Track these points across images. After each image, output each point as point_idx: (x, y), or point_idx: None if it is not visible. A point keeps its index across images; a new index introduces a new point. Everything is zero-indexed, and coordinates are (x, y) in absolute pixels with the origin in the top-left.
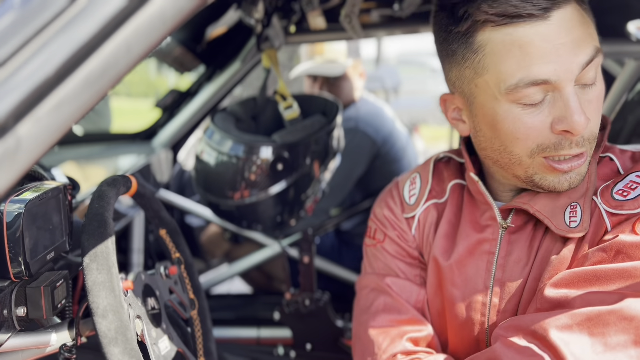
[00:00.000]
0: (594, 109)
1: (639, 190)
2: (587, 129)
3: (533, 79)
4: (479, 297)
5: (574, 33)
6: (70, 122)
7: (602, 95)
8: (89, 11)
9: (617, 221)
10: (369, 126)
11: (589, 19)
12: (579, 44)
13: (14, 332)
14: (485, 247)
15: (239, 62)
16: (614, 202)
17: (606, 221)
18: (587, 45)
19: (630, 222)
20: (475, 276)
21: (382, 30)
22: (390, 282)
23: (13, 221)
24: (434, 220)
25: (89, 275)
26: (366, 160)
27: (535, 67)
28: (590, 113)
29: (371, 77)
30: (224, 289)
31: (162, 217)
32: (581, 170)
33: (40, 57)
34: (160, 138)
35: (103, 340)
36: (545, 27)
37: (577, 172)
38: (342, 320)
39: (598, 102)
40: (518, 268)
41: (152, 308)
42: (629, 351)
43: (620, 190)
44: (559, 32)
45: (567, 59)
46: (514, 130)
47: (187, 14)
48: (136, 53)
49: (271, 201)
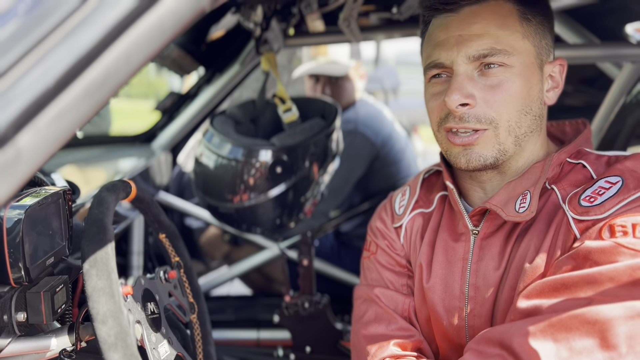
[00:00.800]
0: (495, 96)
1: (606, 196)
2: (474, 109)
3: (433, 62)
4: (457, 303)
5: (474, 28)
6: (70, 132)
7: (512, 87)
8: (89, 21)
9: (584, 227)
10: (368, 128)
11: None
12: (476, 36)
13: (14, 337)
14: (460, 254)
15: (238, 64)
16: (580, 209)
17: (574, 229)
18: (484, 40)
19: (596, 227)
20: (452, 283)
21: (380, 33)
22: (379, 293)
23: (13, 227)
24: (419, 228)
25: (88, 281)
26: (365, 162)
27: (436, 52)
28: (489, 97)
29: (370, 77)
30: (224, 291)
31: (162, 222)
32: (481, 151)
33: (40, 68)
34: (159, 141)
35: (103, 346)
36: (450, 19)
37: (476, 152)
38: (341, 323)
39: (503, 91)
40: (490, 273)
41: (152, 312)
42: (595, 355)
43: (587, 197)
44: (458, 25)
45: (458, 49)
46: (428, 104)
47: (186, 24)
48: (136, 63)
49: (270, 204)
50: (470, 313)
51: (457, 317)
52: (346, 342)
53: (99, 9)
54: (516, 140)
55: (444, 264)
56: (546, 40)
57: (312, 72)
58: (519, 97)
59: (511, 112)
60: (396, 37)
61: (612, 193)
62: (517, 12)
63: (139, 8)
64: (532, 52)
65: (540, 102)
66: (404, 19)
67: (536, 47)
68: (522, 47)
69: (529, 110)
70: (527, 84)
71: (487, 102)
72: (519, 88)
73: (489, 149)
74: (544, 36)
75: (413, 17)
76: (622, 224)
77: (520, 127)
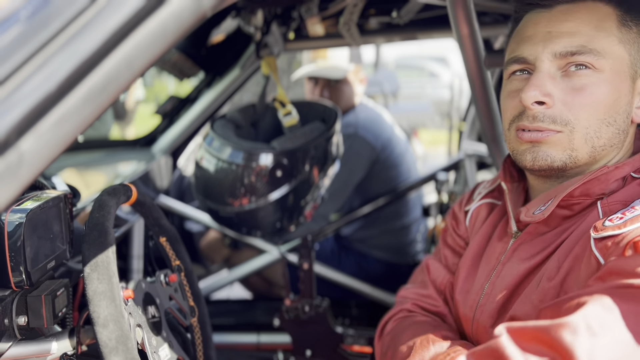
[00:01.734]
0: (576, 100)
1: (631, 215)
2: (551, 109)
3: (516, 56)
4: (474, 295)
5: (566, 25)
6: (72, 136)
7: (596, 92)
8: (91, 27)
9: (603, 247)
10: (368, 132)
11: (609, 24)
12: (569, 34)
13: (15, 341)
14: (496, 253)
15: (239, 68)
16: (601, 227)
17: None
18: (575, 38)
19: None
20: (480, 276)
21: (380, 37)
22: (431, 263)
23: (14, 231)
24: (483, 218)
25: (89, 285)
26: (365, 166)
27: (521, 47)
28: (569, 100)
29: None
30: (224, 295)
31: (162, 225)
32: (549, 151)
33: (42, 73)
34: (160, 144)
35: (104, 349)
36: (542, 15)
37: (544, 151)
38: (341, 327)
39: (587, 96)
40: (508, 275)
41: (153, 316)
42: None
43: (616, 217)
44: (548, 21)
45: (544, 44)
46: (503, 102)
47: (187, 28)
48: (137, 68)
49: (271, 208)
50: (481, 307)
51: (469, 308)
52: (346, 345)
53: (100, 14)
54: (592, 150)
55: (482, 258)
56: None
57: (310, 75)
58: (603, 104)
59: (591, 119)
60: (396, 41)
61: (638, 212)
62: (616, 16)
63: (141, 13)
64: (626, 60)
65: (626, 116)
66: (403, 23)
67: (632, 56)
68: (616, 52)
69: (612, 122)
70: (615, 92)
71: (567, 105)
72: (605, 95)
73: (559, 151)
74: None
75: (413, 21)
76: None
77: (599, 137)
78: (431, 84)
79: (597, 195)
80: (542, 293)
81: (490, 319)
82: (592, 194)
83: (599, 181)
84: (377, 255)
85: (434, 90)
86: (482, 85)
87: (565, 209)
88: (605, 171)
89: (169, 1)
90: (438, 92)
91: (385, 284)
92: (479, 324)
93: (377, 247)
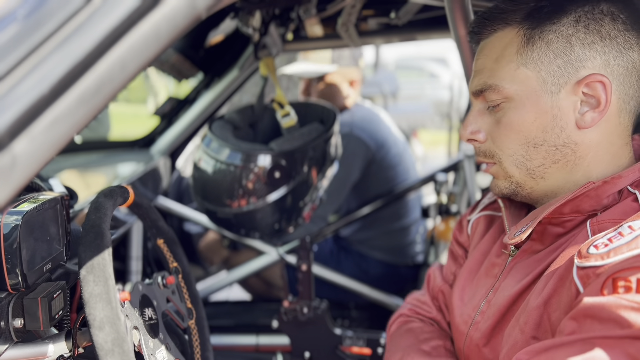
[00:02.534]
0: (499, 132)
1: (617, 243)
2: (483, 144)
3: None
4: (470, 311)
5: (480, 61)
6: (65, 139)
7: (511, 120)
8: (84, 29)
9: (584, 276)
10: (364, 131)
11: (509, 50)
12: (477, 72)
13: (12, 343)
14: (496, 270)
15: (237, 69)
16: (586, 253)
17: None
18: (480, 76)
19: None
20: (477, 293)
21: (379, 38)
22: (433, 270)
23: (10, 233)
24: (481, 231)
25: (85, 287)
26: (361, 165)
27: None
28: (494, 133)
29: (369, 82)
30: (223, 296)
31: (160, 227)
32: (497, 182)
33: (35, 75)
34: (158, 145)
35: (100, 352)
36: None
37: (494, 182)
38: (340, 328)
39: (506, 128)
40: (503, 295)
41: (150, 318)
42: None
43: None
44: (477, 56)
45: (470, 82)
46: None
47: (181, 30)
48: (131, 70)
49: (269, 209)
50: (475, 324)
51: (464, 324)
52: (345, 347)
53: (94, 16)
54: (529, 172)
55: (481, 272)
56: (567, 58)
57: (287, 72)
58: (521, 129)
59: (513, 146)
60: (394, 41)
61: (624, 241)
62: (520, 38)
63: (134, 15)
64: (532, 79)
65: (560, 130)
66: (402, 24)
67: (542, 72)
68: (519, 76)
69: (539, 142)
70: (531, 114)
71: (492, 138)
72: (520, 120)
73: (502, 181)
74: (561, 54)
75: (411, 22)
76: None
77: (530, 159)
78: (431, 85)
79: (588, 211)
80: (527, 314)
81: (483, 339)
82: (582, 210)
83: (588, 197)
84: (377, 256)
85: (433, 90)
86: None
87: (558, 226)
88: (591, 187)
89: (163, 3)
90: (438, 93)
91: (385, 285)
92: (472, 341)
93: (376, 248)
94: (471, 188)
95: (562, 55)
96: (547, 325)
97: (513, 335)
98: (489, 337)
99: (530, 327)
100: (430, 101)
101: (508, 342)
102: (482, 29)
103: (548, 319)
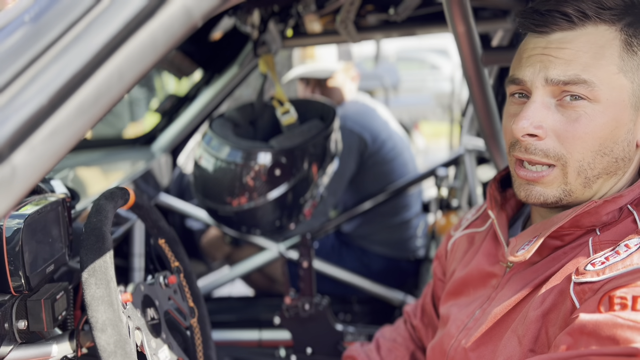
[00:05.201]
0: (569, 132)
1: (613, 260)
2: (544, 142)
3: (512, 77)
4: (464, 317)
5: (562, 52)
6: (65, 149)
7: (591, 124)
8: (81, 40)
9: (580, 292)
10: (356, 123)
11: (610, 51)
12: (562, 62)
13: (16, 344)
14: (493, 281)
15: (237, 66)
16: (583, 270)
17: (572, 294)
18: (569, 67)
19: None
20: (473, 302)
21: (378, 34)
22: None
23: (12, 236)
24: (463, 251)
25: (87, 290)
26: (356, 157)
27: (518, 68)
28: (562, 132)
29: (370, 75)
30: (226, 292)
31: (161, 227)
32: (543, 190)
33: (34, 87)
34: (159, 143)
35: (102, 354)
36: (539, 40)
37: (538, 190)
38: (342, 324)
39: (580, 128)
40: (499, 303)
41: (152, 318)
42: None
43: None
44: (545, 47)
45: (540, 68)
46: (503, 120)
47: (178, 39)
48: (128, 80)
49: (270, 206)
50: (467, 330)
51: (455, 328)
52: (347, 342)
53: (90, 27)
54: (586, 181)
55: (476, 284)
56: None
57: (300, 76)
58: (598, 136)
59: (585, 151)
60: (394, 37)
61: (619, 258)
62: (620, 42)
63: (131, 25)
64: (627, 88)
65: (627, 144)
66: (401, 19)
67: (635, 84)
68: (615, 81)
69: (608, 152)
70: (612, 123)
71: (559, 137)
72: (600, 127)
73: (554, 188)
74: None
75: (410, 17)
76: (621, 296)
77: (593, 168)
78: (432, 77)
79: (587, 227)
80: (526, 327)
81: (473, 344)
82: (582, 225)
83: (588, 214)
84: (378, 251)
85: (435, 82)
86: (479, 82)
87: (557, 239)
88: (593, 205)
89: (159, 13)
90: (439, 85)
91: (386, 280)
92: (459, 345)
93: (377, 243)
94: (472, 182)
95: None
96: (545, 339)
97: (510, 346)
98: (479, 343)
99: (529, 339)
100: (432, 93)
101: (503, 354)
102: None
103: (546, 333)
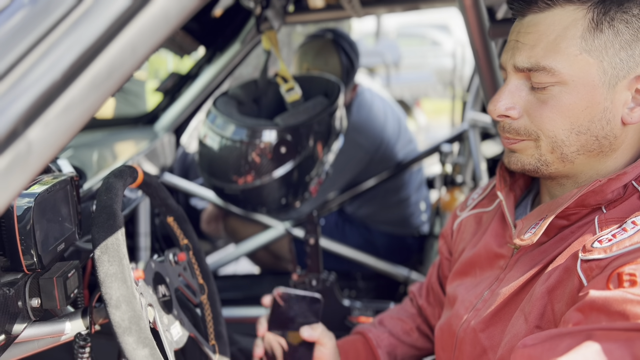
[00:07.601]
0: (542, 113)
1: (620, 237)
2: (516, 122)
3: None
4: (473, 298)
5: (528, 37)
6: (79, 124)
7: (560, 104)
8: (93, 13)
9: (587, 269)
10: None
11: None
12: (525, 48)
13: (30, 322)
14: (501, 262)
15: (239, 43)
16: (590, 247)
17: (579, 272)
18: (530, 53)
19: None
20: (481, 283)
21: (382, 8)
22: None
23: (23, 215)
24: (471, 231)
25: (100, 268)
26: (358, 168)
27: (502, 53)
28: (533, 112)
29: (371, 52)
30: (232, 270)
31: (169, 205)
32: (520, 157)
33: (46, 62)
34: (162, 122)
35: (117, 330)
36: (517, 23)
37: (515, 156)
38: (348, 299)
39: (552, 110)
40: (507, 284)
41: (163, 295)
42: None
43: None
44: (518, 31)
45: (511, 55)
46: None
47: (190, 12)
48: (141, 53)
49: (275, 184)
50: (476, 311)
51: (464, 309)
52: (353, 317)
53: (101, 0)
54: (562, 156)
55: (483, 266)
56: (631, 52)
57: None
58: (567, 116)
59: (556, 129)
60: (397, 11)
61: (626, 235)
62: (587, 21)
63: None
64: (594, 68)
65: (606, 122)
66: None
67: (604, 62)
68: (578, 62)
69: (583, 130)
70: (583, 102)
71: (531, 117)
72: (569, 106)
73: (528, 156)
74: (626, 47)
75: None
76: (630, 272)
77: (568, 145)
78: (433, 53)
79: (592, 205)
80: (532, 304)
81: (482, 324)
82: (587, 204)
83: (594, 193)
84: (381, 228)
85: (436, 58)
86: (486, 56)
87: (563, 219)
88: (598, 184)
89: None
90: (440, 61)
91: (390, 256)
92: (469, 325)
93: (380, 222)
94: (476, 158)
95: (627, 47)
96: (551, 316)
97: (517, 324)
98: (488, 323)
99: (535, 316)
100: (433, 69)
101: (511, 332)
102: (534, 1)
103: (552, 310)
